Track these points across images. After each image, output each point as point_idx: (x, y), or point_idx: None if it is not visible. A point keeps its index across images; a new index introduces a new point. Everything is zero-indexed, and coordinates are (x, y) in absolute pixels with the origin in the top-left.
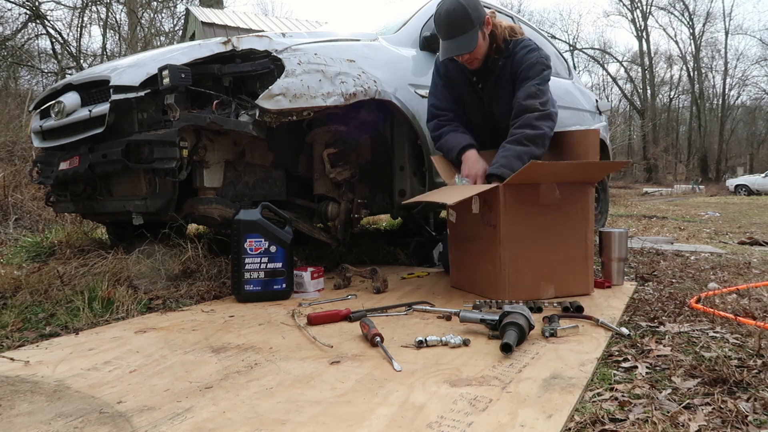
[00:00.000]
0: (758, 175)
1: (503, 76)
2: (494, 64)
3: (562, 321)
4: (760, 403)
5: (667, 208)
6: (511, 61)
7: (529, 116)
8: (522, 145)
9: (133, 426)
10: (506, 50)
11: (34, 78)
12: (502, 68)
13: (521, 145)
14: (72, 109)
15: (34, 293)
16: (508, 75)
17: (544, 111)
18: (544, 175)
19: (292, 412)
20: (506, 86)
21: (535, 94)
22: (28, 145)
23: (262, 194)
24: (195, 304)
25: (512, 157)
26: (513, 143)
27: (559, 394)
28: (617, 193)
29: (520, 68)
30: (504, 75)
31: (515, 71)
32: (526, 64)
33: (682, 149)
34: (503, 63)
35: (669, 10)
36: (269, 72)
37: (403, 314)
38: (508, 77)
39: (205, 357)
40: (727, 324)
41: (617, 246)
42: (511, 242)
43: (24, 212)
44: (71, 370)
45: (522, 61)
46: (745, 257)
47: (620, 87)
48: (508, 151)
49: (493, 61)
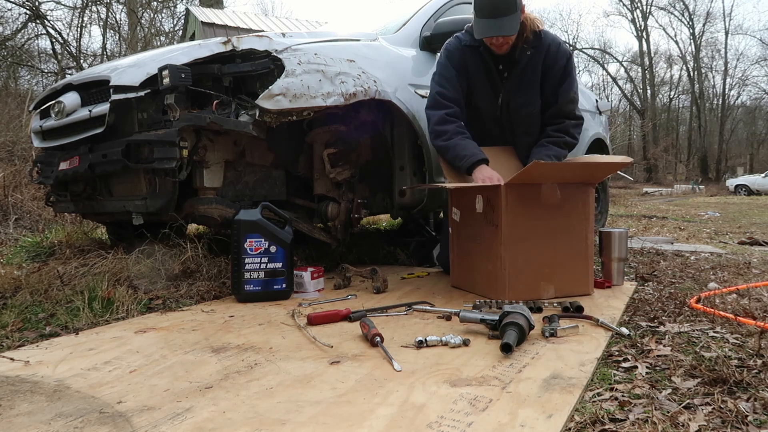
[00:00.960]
0: (758, 175)
1: (531, 66)
2: (522, 54)
3: (562, 321)
4: (760, 403)
5: (667, 208)
6: (544, 54)
7: (569, 123)
8: (561, 148)
9: (133, 426)
10: (536, 41)
11: (34, 78)
12: (530, 59)
13: (560, 147)
14: (72, 109)
15: (34, 293)
16: (538, 66)
17: (579, 120)
18: (545, 175)
19: (292, 412)
20: (532, 78)
21: (573, 100)
22: (28, 145)
23: (262, 194)
24: (195, 304)
25: (554, 156)
26: (554, 144)
27: (559, 394)
28: (617, 193)
29: (556, 63)
30: (532, 66)
31: (549, 65)
32: (565, 60)
33: (682, 149)
34: (531, 53)
35: (669, 10)
36: (269, 72)
37: (403, 314)
38: (537, 69)
39: (205, 357)
40: (727, 324)
41: (617, 246)
42: (512, 242)
43: (24, 212)
44: (71, 370)
45: (558, 56)
46: (745, 257)
47: (620, 87)
48: (550, 150)
49: (521, 50)
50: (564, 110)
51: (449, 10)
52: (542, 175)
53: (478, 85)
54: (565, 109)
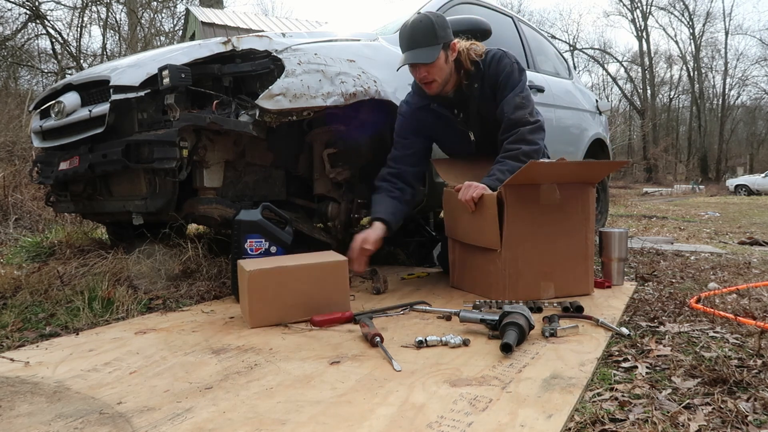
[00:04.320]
0: (758, 175)
1: (483, 95)
2: (470, 89)
3: (562, 321)
4: (760, 403)
5: (667, 208)
6: (486, 77)
7: (523, 130)
8: (520, 161)
9: (133, 426)
10: (478, 71)
11: (34, 78)
12: (479, 90)
13: (519, 161)
14: (72, 109)
15: (34, 293)
16: (489, 91)
17: (535, 123)
18: (544, 175)
19: (292, 412)
20: (490, 104)
21: (521, 105)
22: (28, 145)
23: (262, 194)
24: (195, 305)
25: (507, 172)
26: (510, 158)
27: (559, 394)
28: (617, 193)
29: (497, 80)
30: (484, 94)
31: (494, 83)
32: (503, 74)
33: (682, 149)
34: (479, 84)
35: (669, 10)
36: (269, 72)
37: (402, 314)
38: (489, 93)
39: (205, 358)
40: (727, 324)
41: (617, 246)
42: (512, 242)
43: (24, 212)
44: (71, 371)
45: (497, 72)
46: (745, 257)
47: (620, 87)
48: (505, 165)
49: (467, 86)
50: (513, 119)
51: (449, 11)
52: (540, 174)
53: (444, 136)
54: (514, 118)
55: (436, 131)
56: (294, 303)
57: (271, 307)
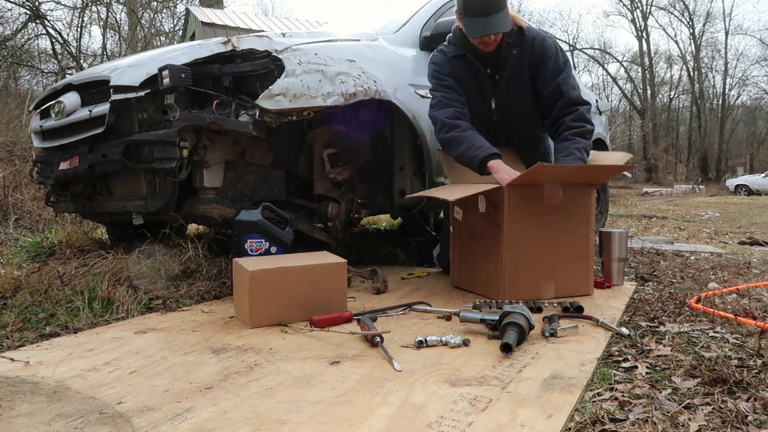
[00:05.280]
0: (758, 175)
1: (519, 66)
2: (508, 54)
3: (562, 321)
4: (760, 403)
5: (667, 208)
6: (529, 51)
7: (582, 109)
8: (585, 139)
9: (134, 426)
10: (519, 38)
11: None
12: (517, 58)
13: (585, 138)
14: (72, 109)
15: (34, 293)
16: (525, 64)
17: (589, 105)
18: (548, 176)
19: (292, 412)
20: (522, 77)
21: (575, 86)
22: (28, 145)
23: (262, 194)
24: (195, 305)
25: (583, 150)
26: (579, 135)
27: (559, 394)
28: (617, 193)
29: (542, 58)
30: (520, 65)
31: (536, 60)
32: (549, 53)
33: (682, 149)
34: (517, 52)
35: (669, 10)
36: (269, 72)
37: (402, 314)
38: (525, 66)
39: (205, 358)
40: (727, 324)
41: (617, 246)
42: (513, 242)
43: (24, 212)
44: (71, 370)
45: (542, 51)
46: (745, 257)
47: (620, 87)
48: (578, 143)
49: (506, 48)
50: (572, 98)
51: (449, 10)
52: (546, 176)
53: (469, 93)
54: (573, 97)
55: (465, 86)
56: (294, 303)
57: (271, 307)
